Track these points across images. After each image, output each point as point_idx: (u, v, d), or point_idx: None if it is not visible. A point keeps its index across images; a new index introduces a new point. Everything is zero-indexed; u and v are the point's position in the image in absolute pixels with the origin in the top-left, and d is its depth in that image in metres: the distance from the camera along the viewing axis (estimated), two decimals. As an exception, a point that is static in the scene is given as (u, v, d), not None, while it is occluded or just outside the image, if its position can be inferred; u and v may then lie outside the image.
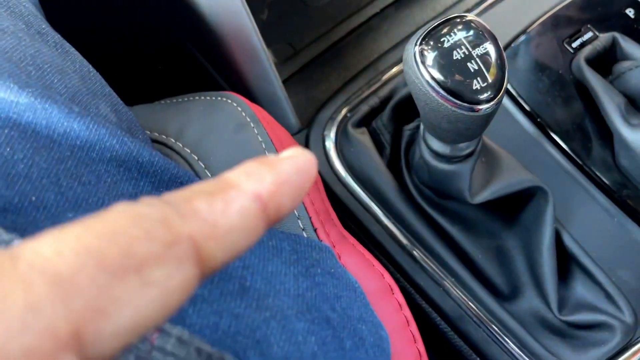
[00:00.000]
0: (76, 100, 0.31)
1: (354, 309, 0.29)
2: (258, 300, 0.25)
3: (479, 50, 0.36)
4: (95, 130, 0.29)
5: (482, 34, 0.37)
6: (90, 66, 0.37)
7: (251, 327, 0.23)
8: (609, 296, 0.47)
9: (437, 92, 0.36)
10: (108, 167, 0.29)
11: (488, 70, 0.36)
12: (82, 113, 0.29)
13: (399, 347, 0.35)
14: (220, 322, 0.23)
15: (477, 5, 0.59)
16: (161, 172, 0.30)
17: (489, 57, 0.37)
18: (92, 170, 0.28)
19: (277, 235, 0.30)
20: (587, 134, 0.53)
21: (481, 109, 0.37)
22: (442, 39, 0.36)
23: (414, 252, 0.51)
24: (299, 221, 0.36)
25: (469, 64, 0.36)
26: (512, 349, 0.47)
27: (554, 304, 0.48)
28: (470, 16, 0.38)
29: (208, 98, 0.45)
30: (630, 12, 0.57)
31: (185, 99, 0.46)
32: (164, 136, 0.42)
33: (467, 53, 0.36)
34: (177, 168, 0.31)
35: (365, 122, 0.57)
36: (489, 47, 0.37)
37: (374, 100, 0.56)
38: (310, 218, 0.37)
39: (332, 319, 0.27)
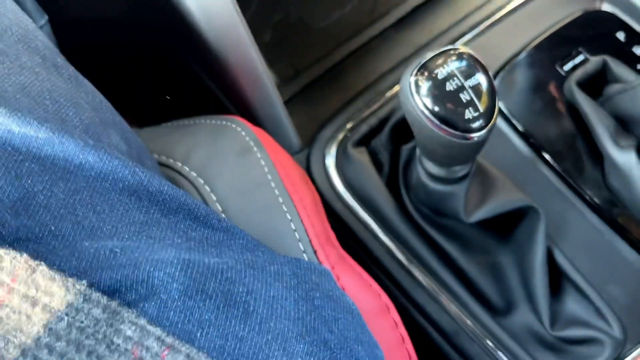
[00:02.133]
0: (90, 132, 0.33)
1: (350, 330, 0.31)
2: (261, 323, 0.27)
3: (470, 82, 0.38)
4: (109, 162, 0.31)
5: (473, 65, 0.39)
6: (102, 96, 0.39)
7: (254, 349, 0.25)
8: (599, 312, 0.49)
9: (431, 121, 0.38)
10: (121, 196, 0.31)
11: (480, 100, 0.38)
12: (96, 146, 0.31)
13: (395, 364, 0.37)
14: (226, 344, 0.25)
15: (472, 28, 0.61)
16: (170, 200, 0.32)
17: (480, 88, 0.38)
18: (105, 200, 0.30)
19: (278, 260, 0.32)
20: (579, 155, 0.55)
21: (473, 137, 0.39)
22: (435, 71, 0.38)
23: (411, 269, 0.53)
24: (300, 244, 0.38)
25: (461, 95, 0.38)
26: (506, 363, 0.49)
27: (546, 320, 0.50)
28: (463, 48, 0.40)
29: (213, 122, 0.47)
30: (620, 35, 0.59)
31: (192, 122, 0.49)
32: (171, 160, 0.44)
33: (459, 84, 0.38)
34: (184, 196, 0.33)
35: (364, 141, 0.59)
36: (481, 77, 0.39)
37: (373, 121, 0.58)
38: (310, 241, 0.39)
39: (329, 341, 0.28)
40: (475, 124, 0.38)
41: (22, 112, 0.30)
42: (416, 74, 0.38)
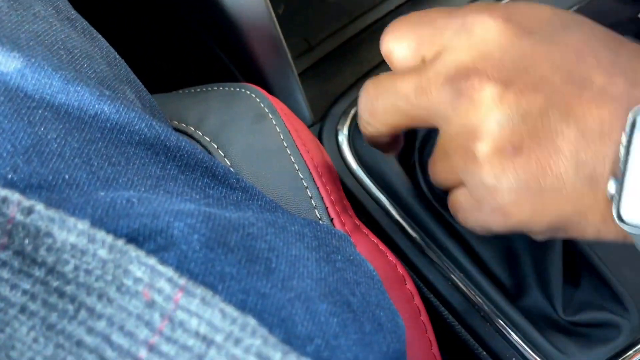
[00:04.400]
0: (105, 84, 0.32)
1: (372, 295, 0.30)
2: (283, 281, 0.25)
3: None
4: (125, 114, 0.30)
5: None
6: (116, 53, 0.37)
7: (277, 306, 0.24)
8: (615, 295, 0.48)
9: None
10: (137, 150, 0.30)
11: None
12: (112, 96, 0.30)
13: (411, 336, 0.36)
14: (248, 299, 0.24)
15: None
16: (187, 157, 0.31)
17: None
18: (121, 152, 0.29)
19: (299, 221, 0.31)
20: None
21: None
22: None
23: (424, 247, 0.51)
24: (316, 211, 0.37)
25: None
26: (518, 343, 0.48)
27: (558, 305, 0.49)
28: None
29: (227, 89, 0.46)
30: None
31: (204, 89, 0.47)
32: (183, 124, 0.42)
33: None
34: (202, 153, 0.32)
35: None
36: None
37: (387, 96, 0.57)
38: (327, 208, 0.37)
39: (352, 303, 0.27)
40: None
41: (35, 59, 0.29)
42: None
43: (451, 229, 0.53)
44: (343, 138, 0.56)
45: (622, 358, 0.47)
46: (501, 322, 0.49)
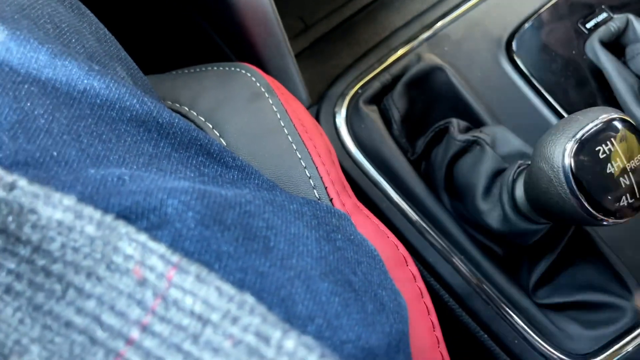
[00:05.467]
0: (94, 60, 0.31)
1: (374, 275, 0.29)
2: (282, 259, 0.24)
3: (633, 163, 0.34)
4: (115, 89, 0.29)
5: (637, 141, 0.34)
6: (106, 29, 0.36)
7: (276, 285, 0.23)
8: (618, 277, 0.48)
9: (580, 203, 0.34)
10: (128, 126, 0.28)
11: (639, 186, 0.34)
12: (101, 72, 0.29)
13: (413, 318, 0.35)
14: (246, 278, 0.23)
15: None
16: (181, 134, 0.30)
17: None
18: (112, 129, 0.28)
19: (297, 200, 0.30)
20: None
21: (617, 221, 0.35)
22: (597, 148, 0.33)
23: (424, 228, 0.51)
24: (315, 191, 0.36)
25: (622, 179, 0.33)
26: (521, 326, 0.47)
27: (531, 286, 0.49)
28: (624, 115, 0.34)
29: (221, 69, 0.44)
30: (645, -7, 0.57)
31: (198, 69, 0.46)
32: (177, 104, 0.41)
33: (621, 166, 0.33)
34: (196, 131, 0.31)
35: (376, 98, 0.56)
36: None
37: (385, 77, 0.56)
38: (326, 188, 0.36)
39: (354, 282, 0.26)
40: (629, 211, 0.34)
41: (21, 32, 0.27)
42: (576, 154, 0.33)
43: (450, 211, 0.52)
44: (341, 120, 0.55)
45: (626, 339, 0.46)
46: (504, 305, 0.48)
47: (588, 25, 0.55)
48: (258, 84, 0.42)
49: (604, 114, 0.34)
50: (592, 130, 0.33)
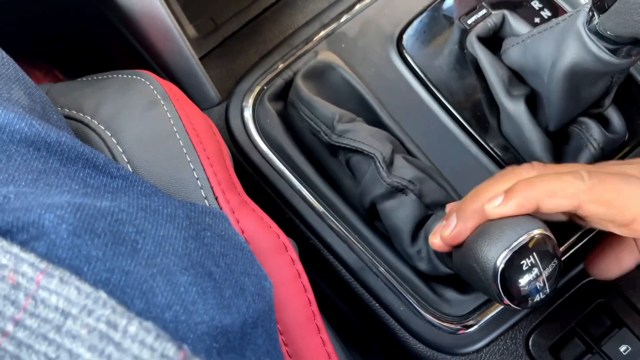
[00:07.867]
0: None
1: (238, 264, 0.34)
2: (147, 259, 0.30)
3: (547, 271, 0.41)
4: (4, 115, 0.33)
5: (553, 254, 0.41)
6: (4, 52, 0.40)
7: (139, 280, 0.28)
8: None
9: (500, 297, 0.41)
10: (18, 147, 0.33)
11: (550, 287, 0.41)
12: None
13: (291, 295, 0.41)
14: (112, 277, 0.28)
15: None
16: (68, 150, 0.34)
17: (553, 275, 0.41)
18: (2, 151, 0.32)
19: (173, 203, 0.35)
20: (479, 105, 0.59)
21: (524, 308, 0.42)
22: (522, 262, 0.40)
23: (322, 213, 0.56)
24: (202, 191, 0.41)
25: (537, 283, 0.41)
26: (405, 295, 0.54)
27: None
28: (546, 231, 0.41)
29: (124, 76, 0.48)
30: (521, -11, 0.63)
31: (104, 76, 0.50)
32: (80, 114, 0.45)
33: (538, 274, 0.41)
34: (83, 146, 0.35)
35: (281, 94, 0.61)
36: (555, 264, 0.41)
37: (287, 74, 0.61)
38: (212, 188, 0.42)
39: (214, 273, 0.32)
40: (536, 303, 0.41)
41: None
42: (506, 262, 0.40)
43: (347, 199, 0.58)
44: (248, 115, 0.60)
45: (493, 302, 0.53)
46: (390, 276, 0.55)
47: (469, 21, 0.61)
48: (155, 92, 0.46)
49: (532, 228, 0.41)
50: (521, 247, 0.40)
